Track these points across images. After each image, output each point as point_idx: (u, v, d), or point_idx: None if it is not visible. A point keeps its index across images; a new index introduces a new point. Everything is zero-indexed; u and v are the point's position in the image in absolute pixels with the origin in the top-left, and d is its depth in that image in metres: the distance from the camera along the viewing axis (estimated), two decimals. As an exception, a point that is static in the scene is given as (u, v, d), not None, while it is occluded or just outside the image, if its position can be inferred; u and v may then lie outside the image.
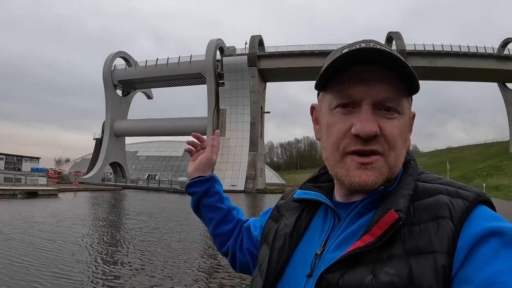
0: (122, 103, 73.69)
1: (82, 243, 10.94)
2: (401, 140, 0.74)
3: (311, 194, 0.85)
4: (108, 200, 30.54)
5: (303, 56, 59.41)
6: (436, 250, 0.61)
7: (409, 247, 0.63)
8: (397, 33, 60.34)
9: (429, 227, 0.64)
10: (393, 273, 0.61)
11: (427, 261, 0.60)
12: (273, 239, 0.87)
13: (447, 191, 0.68)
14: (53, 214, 17.81)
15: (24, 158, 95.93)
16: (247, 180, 58.01)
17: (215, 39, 62.60)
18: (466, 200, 0.65)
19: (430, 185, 0.72)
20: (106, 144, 68.88)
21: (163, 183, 61.21)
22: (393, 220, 0.65)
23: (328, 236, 0.78)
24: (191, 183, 1.27)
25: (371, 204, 0.73)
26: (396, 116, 0.73)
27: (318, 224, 0.83)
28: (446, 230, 0.62)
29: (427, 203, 0.68)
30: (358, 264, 0.66)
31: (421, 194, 0.70)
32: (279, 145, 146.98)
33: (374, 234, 0.66)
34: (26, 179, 42.32)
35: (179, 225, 16.14)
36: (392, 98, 0.72)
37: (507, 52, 61.10)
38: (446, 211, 0.64)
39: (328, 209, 0.82)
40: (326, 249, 0.75)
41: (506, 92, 68.16)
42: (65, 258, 8.83)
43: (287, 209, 0.93)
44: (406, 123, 0.75)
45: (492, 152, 71.85)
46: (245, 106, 62.00)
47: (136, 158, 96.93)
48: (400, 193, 0.70)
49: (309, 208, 0.87)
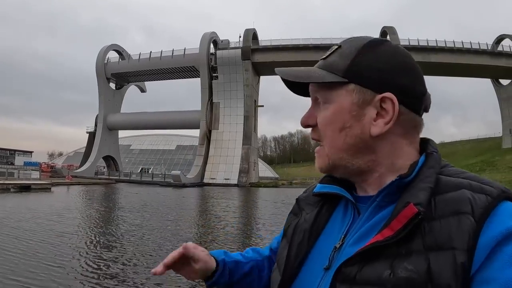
0: (116, 96, 73.32)
1: (76, 236, 10.91)
2: (330, 127, 0.77)
3: (331, 188, 0.85)
4: (102, 194, 30.48)
5: (297, 50, 59.41)
6: (456, 246, 0.59)
7: (428, 242, 0.62)
8: (392, 28, 60.56)
9: (450, 222, 0.62)
10: (412, 269, 0.60)
11: (446, 257, 0.59)
12: (292, 234, 0.87)
13: (471, 186, 0.67)
14: (46, 208, 17.74)
15: (17, 152, 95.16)
16: (240, 174, 58.04)
17: (209, 32, 62.36)
18: (489, 196, 0.63)
19: (453, 179, 0.70)
20: (99, 137, 68.54)
21: (157, 176, 61.10)
22: (413, 214, 0.64)
23: (348, 229, 0.77)
24: (211, 284, 0.98)
25: (390, 196, 0.72)
26: (326, 106, 0.78)
27: (338, 218, 0.82)
28: (467, 226, 0.60)
29: (449, 198, 0.66)
30: (377, 259, 0.65)
31: (443, 188, 0.69)
32: (272, 138, 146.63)
33: (393, 228, 0.65)
34: (19, 173, 41.97)
35: (176, 215, 16.14)
36: (315, 91, 0.80)
37: (501, 48, 61.57)
38: (467, 206, 0.63)
39: (348, 203, 0.82)
40: (345, 243, 0.75)
41: (499, 88, 68.71)
42: (62, 254, 8.80)
43: (307, 203, 0.92)
44: (337, 110, 0.76)
45: (485, 147, 72.46)
46: (239, 100, 61.93)
47: (129, 151, 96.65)
48: (420, 186, 0.69)
49: (329, 202, 0.87)
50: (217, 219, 16.94)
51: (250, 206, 25.92)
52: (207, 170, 60.17)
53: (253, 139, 63.76)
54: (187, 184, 51.63)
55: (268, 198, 33.08)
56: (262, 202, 28.78)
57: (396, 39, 58.12)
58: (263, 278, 1.04)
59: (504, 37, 63.10)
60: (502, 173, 48.40)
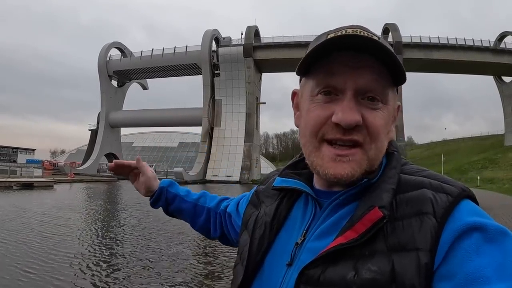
0: (117, 94, 73.48)
1: (81, 232, 10.94)
2: (384, 131, 0.72)
3: (291, 182, 0.83)
4: (104, 191, 30.45)
5: (299, 47, 59.16)
6: (419, 247, 0.60)
7: (391, 243, 0.62)
8: (394, 24, 60.30)
9: (412, 223, 0.62)
10: (376, 270, 0.60)
11: (410, 258, 0.59)
12: (253, 227, 0.86)
13: (431, 185, 0.67)
14: (48, 205, 17.77)
15: (20, 150, 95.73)
16: (242, 171, 58.20)
17: (210, 30, 62.37)
18: (450, 195, 0.64)
19: (413, 177, 0.70)
20: (102, 135, 68.76)
21: (159, 174, 60.62)
22: (377, 218, 0.63)
23: (309, 225, 0.76)
24: (151, 203, 1.29)
25: (354, 196, 0.72)
26: (381, 106, 0.71)
27: (299, 213, 0.81)
28: (429, 227, 0.61)
29: (410, 197, 0.66)
30: (340, 260, 0.64)
31: (404, 187, 0.69)
32: (274, 136, 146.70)
33: (358, 230, 0.64)
34: (21, 171, 42.03)
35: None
36: (377, 88, 0.70)
37: (503, 45, 61.35)
38: (429, 206, 0.63)
39: (308, 197, 0.80)
40: (307, 239, 0.74)
41: (502, 85, 68.44)
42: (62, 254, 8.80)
43: (266, 196, 0.91)
44: (390, 114, 0.74)
45: (487, 145, 72.16)
46: (241, 97, 62.00)
47: (131, 149, 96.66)
48: (383, 187, 0.69)
49: (289, 195, 0.85)
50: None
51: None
52: (209, 167, 60.30)
53: (255, 136, 63.82)
54: (189, 181, 51.60)
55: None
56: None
57: (398, 36, 58.03)
58: (197, 223, 1.25)
59: (506, 34, 62.81)
60: (504, 170, 48.25)
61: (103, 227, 12.39)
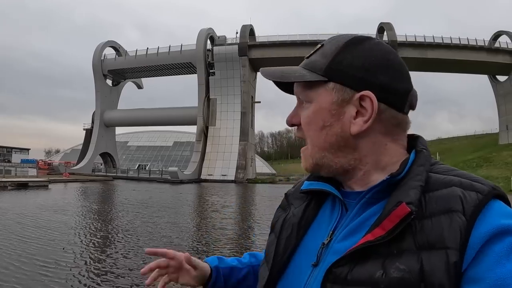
0: (112, 93, 73.24)
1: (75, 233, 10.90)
2: (311, 127, 0.77)
3: (318, 185, 0.84)
4: (99, 191, 30.46)
5: (294, 46, 59.25)
6: (449, 246, 0.59)
7: (420, 241, 0.62)
8: (389, 24, 60.39)
9: (441, 221, 0.62)
10: (404, 268, 0.60)
11: (439, 257, 0.59)
12: (280, 228, 0.86)
13: (461, 183, 0.66)
14: (43, 205, 17.71)
15: (14, 150, 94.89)
16: (237, 170, 58.12)
17: (205, 29, 62.23)
18: (480, 194, 0.63)
19: (443, 176, 0.70)
20: (96, 134, 68.48)
21: (154, 173, 61.13)
22: (405, 214, 0.63)
23: (335, 226, 0.77)
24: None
25: (380, 194, 0.72)
26: (308, 105, 0.78)
27: (326, 214, 0.82)
28: (458, 224, 0.60)
29: (439, 195, 0.65)
30: (368, 258, 0.64)
31: (433, 185, 0.68)
32: (269, 134, 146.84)
33: (385, 227, 0.64)
34: (16, 171, 42.04)
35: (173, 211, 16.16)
36: (298, 92, 0.80)
37: (498, 45, 61.65)
38: (458, 204, 0.62)
39: (336, 199, 0.81)
40: (333, 239, 0.75)
41: (496, 84, 68.63)
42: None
43: (295, 198, 0.92)
44: (317, 109, 0.77)
45: (482, 143, 72.40)
46: (236, 96, 61.92)
47: (126, 148, 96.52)
48: (410, 184, 0.68)
49: (317, 198, 0.86)
50: (216, 217, 16.95)
51: (247, 200, 25.95)
52: (204, 167, 60.20)
53: (250, 135, 63.76)
54: (185, 181, 51.64)
55: (264, 194, 33.21)
56: (259, 198, 28.81)
57: (393, 35, 58.15)
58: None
59: (501, 34, 63.14)
60: (499, 169, 48.40)
61: (118, 225, 12.34)
